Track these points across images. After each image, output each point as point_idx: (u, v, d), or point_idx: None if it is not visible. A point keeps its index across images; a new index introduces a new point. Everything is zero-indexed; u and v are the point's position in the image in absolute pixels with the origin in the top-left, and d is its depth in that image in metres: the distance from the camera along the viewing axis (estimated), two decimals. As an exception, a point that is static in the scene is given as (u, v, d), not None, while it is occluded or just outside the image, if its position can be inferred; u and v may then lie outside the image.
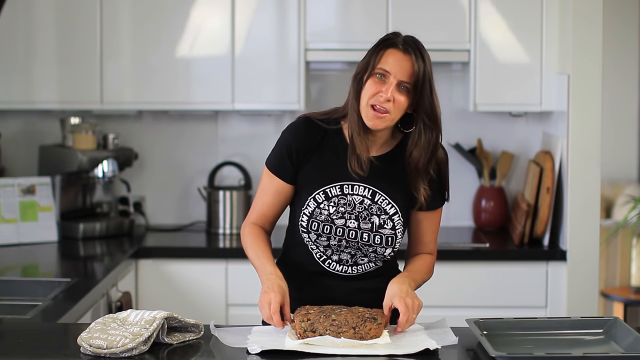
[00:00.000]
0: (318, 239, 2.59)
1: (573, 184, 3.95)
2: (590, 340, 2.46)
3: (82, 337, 2.32)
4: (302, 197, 2.60)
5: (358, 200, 2.58)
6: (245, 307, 4.02)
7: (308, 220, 2.59)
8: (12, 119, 4.56)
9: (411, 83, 2.48)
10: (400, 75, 2.47)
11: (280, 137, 2.64)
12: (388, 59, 2.47)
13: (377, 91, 2.48)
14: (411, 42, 2.50)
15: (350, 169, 2.55)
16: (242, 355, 2.31)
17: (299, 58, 4.26)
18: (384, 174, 2.59)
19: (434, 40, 4.23)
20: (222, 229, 4.39)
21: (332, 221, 2.58)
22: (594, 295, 3.95)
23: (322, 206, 2.58)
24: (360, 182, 2.57)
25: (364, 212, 2.58)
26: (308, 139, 2.60)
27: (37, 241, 4.18)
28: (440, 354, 2.33)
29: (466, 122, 4.57)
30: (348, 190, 2.58)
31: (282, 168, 2.61)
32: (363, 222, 2.58)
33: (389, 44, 2.49)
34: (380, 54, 2.49)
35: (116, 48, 4.29)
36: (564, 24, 4.07)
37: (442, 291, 4.05)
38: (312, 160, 2.60)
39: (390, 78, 2.47)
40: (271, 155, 2.65)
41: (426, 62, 2.49)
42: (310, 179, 2.59)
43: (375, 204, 2.58)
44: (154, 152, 4.61)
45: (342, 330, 2.37)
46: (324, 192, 2.58)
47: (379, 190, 2.58)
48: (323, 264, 2.62)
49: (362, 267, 2.63)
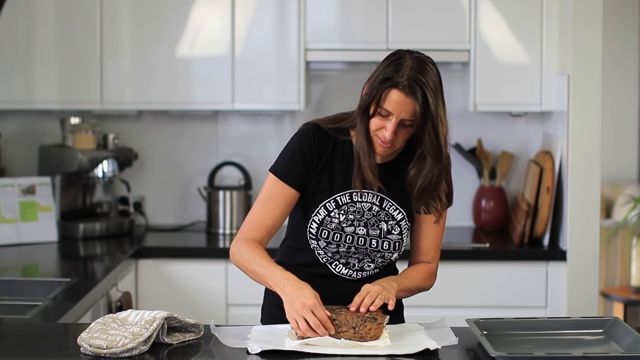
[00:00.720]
0: (327, 246, 2.59)
1: (573, 184, 3.95)
2: (590, 340, 2.46)
3: (82, 337, 2.32)
4: (311, 204, 2.59)
5: (367, 207, 2.58)
6: (245, 307, 4.02)
7: (318, 227, 2.58)
8: (12, 119, 4.56)
9: (413, 121, 2.48)
10: (401, 115, 2.47)
11: (290, 143, 2.61)
12: (391, 100, 2.45)
13: (381, 127, 2.49)
14: (415, 80, 2.45)
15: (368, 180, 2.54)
16: (242, 355, 2.31)
17: (299, 58, 4.26)
18: (390, 180, 2.60)
19: (434, 40, 4.24)
20: (222, 229, 4.39)
21: (342, 229, 2.57)
22: (594, 295, 3.95)
23: (332, 214, 2.57)
24: (369, 189, 2.57)
25: (372, 218, 2.58)
26: (320, 145, 2.58)
27: (37, 241, 4.18)
28: (440, 354, 2.33)
29: (466, 122, 4.57)
30: (357, 198, 2.58)
31: (292, 174, 2.57)
32: (372, 229, 2.58)
33: (393, 84, 2.45)
34: (384, 92, 2.46)
35: (116, 48, 4.29)
36: (564, 24, 4.07)
37: (442, 291, 4.02)
38: (323, 167, 2.59)
39: (392, 117, 2.47)
40: (278, 162, 2.60)
41: (429, 102, 2.45)
42: (321, 186, 2.58)
43: (383, 210, 2.59)
44: (154, 152, 4.61)
45: (342, 330, 2.37)
46: (334, 201, 2.58)
47: (386, 196, 2.59)
48: (330, 266, 2.62)
49: (366, 272, 2.64)
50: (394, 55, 2.51)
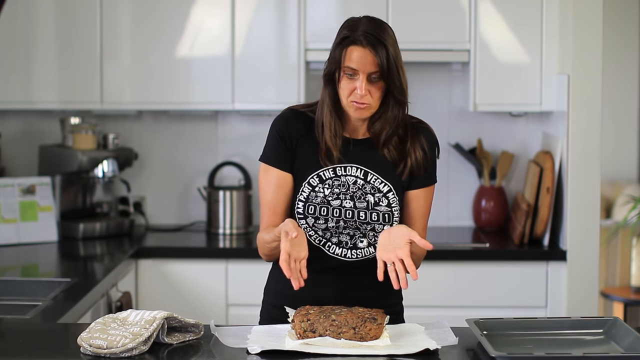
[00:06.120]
0: (316, 222, 2.60)
1: (573, 184, 3.95)
2: (590, 340, 2.46)
3: (82, 337, 2.32)
4: (296, 184, 2.63)
5: (352, 180, 2.61)
6: (245, 307, 4.02)
7: (304, 205, 2.60)
8: (12, 119, 4.56)
9: (379, 72, 2.53)
10: (367, 69, 2.53)
11: (270, 130, 2.68)
12: (352, 57, 2.53)
13: (352, 89, 2.55)
14: (371, 34, 2.53)
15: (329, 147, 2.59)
16: (242, 355, 2.31)
17: (299, 58, 4.26)
18: (372, 156, 2.63)
19: (433, 40, 4.25)
20: (222, 229, 4.40)
21: (328, 202, 2.60)
22: (594, 295, 3.95)
23: (317, 189, 2.60)
24: (353, 163, 2.61)
25: (358, 191, 2.61)
26: (297, 125, 2.64)
27: (37, 241, 4.18)
28: (440, 354, 2.33)
29: (466, 122, 4.57)
30: (341, 172, 2.61)
31: (278, 157, 2.63)
32: (358, 202, 2.61)
33: (349, 42, 2.54)
34: (343, 52, 2.55)
35: (116, 48, 4.29)
36: (564, 24, 4.07)
37: (442, 291, 4.05)
38: (303, 147, 2.63)
39: (359, 74, 2.53)
40: (265, 151, 2.67)
41: (389, 48, 2.52)
42: (303, 165, 2.63)
43: (368, 183, 2.62)
44: (154, 152, 4.61)
45: (342, 330, 2.37)
46: (317, 176, 2.61)
47: (370, 170, 2.62)
48: (323, 247, 2.62)
49: (361, 252, 2.63)
50: (348, 20, 2.62)
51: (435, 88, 4.56)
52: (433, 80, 4.56)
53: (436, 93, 4.56)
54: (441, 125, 4.51)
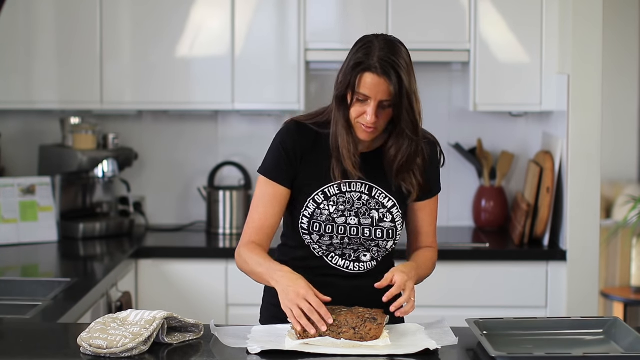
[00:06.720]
0: (320, 239, 2.60)
1: (573, 184, 3.95)
2: (590, 340, 2.47)
3: (82, 337, 2.32)
4: (300, 199, 2.61)
5: (356, 197, 2.60)
6: (245, 307, 4.02)
7: (309, 222, 2.59)
8: (12, 119, 4.56)
9: (391, 100, 2.50)
10: (379, 97, 2.49)
11: (274, 143, 2.64)
12: (366, 83, 2.48)
13: (362, 112, 2.52)
14: (386, 60, 2.48)
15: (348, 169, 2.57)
16: (242, 355, 2.31)
17: (299, 58, 4.26)
18: (377, 169, 2.62)
19: (433, 40, 4.24)
20: (222, 229, 4.40)
21: (333, 220, 2.59)
22: (594, 295, 3.95)
23: (322, 206, 2.59)
24: (350, 179, 2.59)
25: (362, 207, 2.60)
26: (302, 140, 2.61)
27: (37, 241, 4.18)
28: (440, 354, 2.33)
29: (466, 122, 4.57)
30: (346, 188, 2.60)
31: (279, 172, 2.60)
32: (363, 218, 2.60)
33: (365, 68, 2.49)
34: (357, 77, 2.49)
35: (116, 48, 4.29)
36: (564, 24, 4.07)
37: (442, 291, 4.05)
38: (308, 162, 2.61)
39: (370, 101, 2.50)
40: (265, 163, 2.64)
41: (403, 80, 2.48)
42: (308, 180, 2.60)
43: (373, 198, 2.60)
44: (154, 152, 4.61)
45: (342, 330, 2.37)
46: (322, 193, 2.59)
47: (375, 185, 2.60)
48: (326, 258, 2.62)
49: (364, 265, 2.63)
50: (363, 40, 2.56)
51: (435, 88, 4.56)
52: (433, 80, 4.56)
53: (436, 93, 4.56)
54: (441, 125, 4.51)
